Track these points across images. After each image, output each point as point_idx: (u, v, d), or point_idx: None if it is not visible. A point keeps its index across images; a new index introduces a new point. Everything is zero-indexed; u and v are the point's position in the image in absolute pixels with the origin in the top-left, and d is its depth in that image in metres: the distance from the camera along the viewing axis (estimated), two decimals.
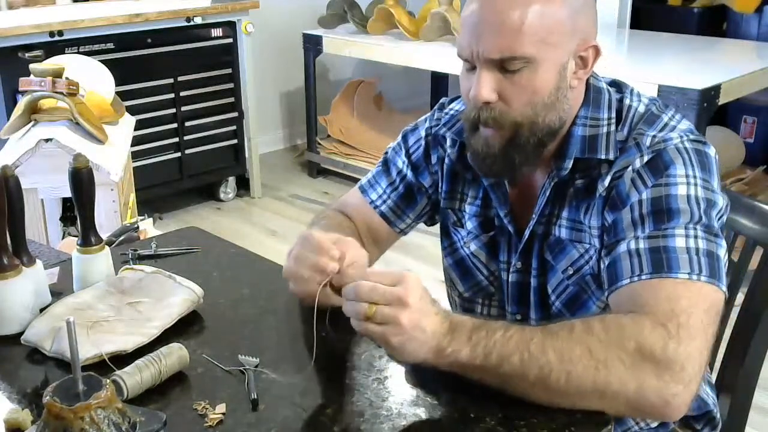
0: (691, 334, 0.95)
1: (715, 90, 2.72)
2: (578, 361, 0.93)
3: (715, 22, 4.39)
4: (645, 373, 0.93)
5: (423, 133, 1.32)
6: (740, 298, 1.36)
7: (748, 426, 1.36)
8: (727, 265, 1.05)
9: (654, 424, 1.20)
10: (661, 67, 3.10)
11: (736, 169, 3.70)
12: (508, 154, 1.11)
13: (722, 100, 2.77)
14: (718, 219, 1.07)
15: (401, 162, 1.34)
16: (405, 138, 1.34)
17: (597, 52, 1.12)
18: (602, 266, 1.10)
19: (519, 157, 1.12)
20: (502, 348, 0.94)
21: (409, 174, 1.32)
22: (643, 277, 1.01)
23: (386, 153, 1.37)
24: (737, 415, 1.33)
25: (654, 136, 1.10)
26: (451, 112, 1.30)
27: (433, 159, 1.30)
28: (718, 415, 1.26)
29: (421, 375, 1.01)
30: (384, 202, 1.34)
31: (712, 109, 2.74)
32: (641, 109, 1.14)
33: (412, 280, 0.97)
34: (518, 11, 1.04)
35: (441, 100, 1.35)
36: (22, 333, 1.12)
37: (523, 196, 1.21)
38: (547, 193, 1.16)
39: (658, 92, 2.72)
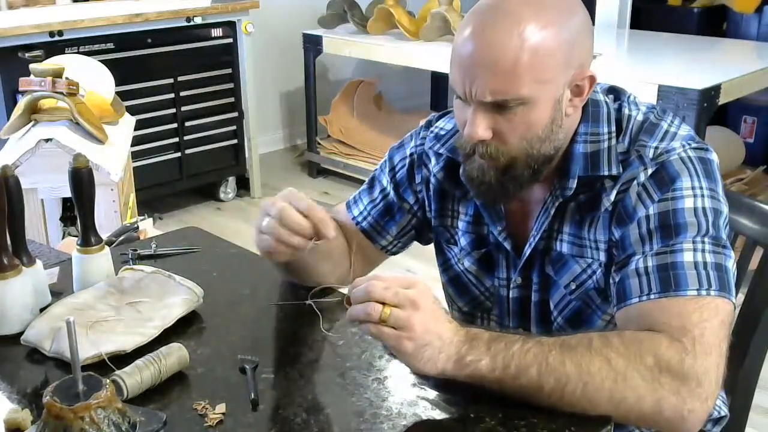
0: (707, 350, 0.96)
1: (715, 90, 2.72)
2: (597, 373, 0.93)
3: (715, 22, 4.39)
4: (662, 388, 0.93)
5: (408, 152, 1.30)
6: (740, 298, 1.35)
7: (748, 426, 1.36)
8: (735, 274, 1.05)
9: None
10: (661, 67, 3.09)
11: (736, 169, 3.70)
12: (503, 184, 1.11)
13: (722, 100, 2.77)
14: (725, 227, 1.07)
15: (385, 180, 1.32)
16: (391, 156, 1.33)
17: (592, 81, 1.09)
18: (611, 282, 1.09)
19: (513, 186, 1.11)
20: (520, 360, 0.94)
21: (392, 192, 1.31)
22: (652, 296, 1.01)
23: (375, 171, 1.36)
24: (737, 415, 1.32)
25: (656, 148, 1.08)
26: (436, 130, 1.27)
27: (417, 178, 1.29)
28: (723, 412, 1.26)
29: (421, 375, 1.01)
30: (365, 218, 1.32)
31: (712, 109, 2.74)
32: (640, 117, 1.13)
33: (424, 285, 0.96)
34: (511, 51, 1.00)
35: (429, 117, 1.33)
36: (22, 333, 1.12)
37: (518, 212, 1.21)
38: (551, 212, 1.15)
39: (658, 92, 2.72)
